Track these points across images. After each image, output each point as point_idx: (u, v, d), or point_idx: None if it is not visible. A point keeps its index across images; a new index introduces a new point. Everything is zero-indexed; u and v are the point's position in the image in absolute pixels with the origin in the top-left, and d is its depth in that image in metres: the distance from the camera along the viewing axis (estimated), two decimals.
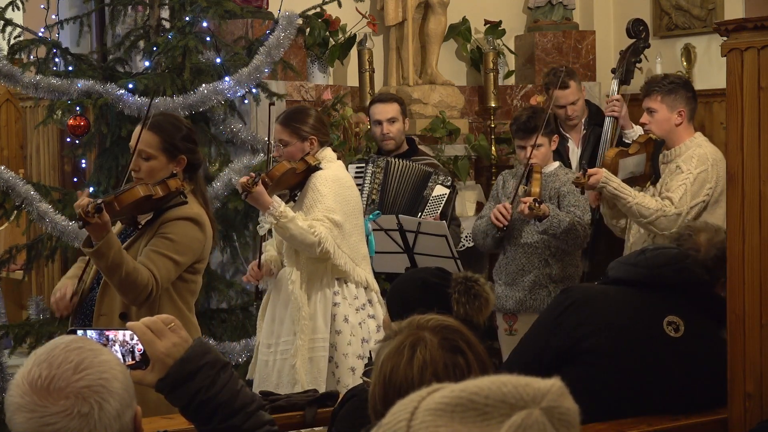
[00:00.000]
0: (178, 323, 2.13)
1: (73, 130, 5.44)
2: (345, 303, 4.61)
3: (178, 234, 3.81)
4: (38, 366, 1.67)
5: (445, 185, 5.67)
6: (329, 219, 4.47)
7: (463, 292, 3.21)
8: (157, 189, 3.80)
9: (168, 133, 3.89)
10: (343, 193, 4.59)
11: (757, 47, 3.32)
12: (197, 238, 3.87)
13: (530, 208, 4.94)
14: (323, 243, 4.42)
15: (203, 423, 2.15)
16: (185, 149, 3.90)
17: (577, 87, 6.02)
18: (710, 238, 3.85)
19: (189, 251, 3.84)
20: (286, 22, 5.34)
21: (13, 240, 7.42)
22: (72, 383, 1.65)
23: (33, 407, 1.63)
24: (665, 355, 3.44)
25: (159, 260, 3.77)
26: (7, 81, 5.26)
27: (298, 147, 4.59)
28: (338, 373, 4.57)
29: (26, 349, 5.51)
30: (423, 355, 2.12)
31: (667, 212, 4.83)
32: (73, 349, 1.69)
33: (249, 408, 2.18)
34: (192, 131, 4.00)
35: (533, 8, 7.64)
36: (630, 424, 3.37)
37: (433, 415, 1.17)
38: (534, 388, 1.18)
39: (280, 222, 4.35)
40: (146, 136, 3.86)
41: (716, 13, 6.91)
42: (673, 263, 3.59)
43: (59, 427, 1.62)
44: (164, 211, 3.85)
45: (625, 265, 3.65)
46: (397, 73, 7.33)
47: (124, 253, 3.70)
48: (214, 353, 2.16)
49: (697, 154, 4.95)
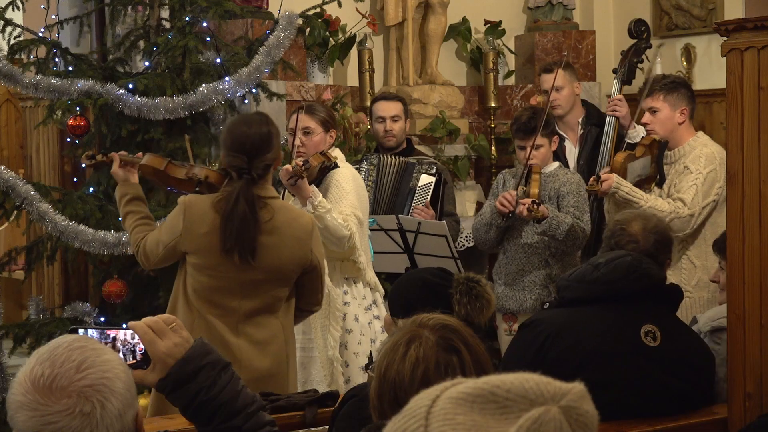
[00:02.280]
0: (179, 323, 2.13)
1: (73, 130, 5.43)
2: (354, 302, 4.62)
3: (169, 214, 4.06)
4: (41, 365, 1.67)
5: (429, 173, 5.67)
6: (356, 216, 4.49)
7: (464, 292, 3.21)
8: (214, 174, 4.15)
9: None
10: (360, 193, 4.64)
11: (757, 47, 3.32)
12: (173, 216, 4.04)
13: (529, 210, 4.94)
14: (353, 238, 4.43)
15: (204, 423, 2.15)
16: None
17: (564, 76, 5.96)
18: (644, 226, 3.84)
19: (169, 229, 3.97)
20: (286, 22, 5.34)
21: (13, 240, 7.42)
22: (74, 382, 1.65)
23: (35, 405, 1.63)
24: (649, 366, 3.43)
25: (153, 231, 4.09)
26: (7, 81, 5.26)
27: (321, 137, 4.65)
28: (348, 372, 4.57)
29: (26, 349, 5.51)
30: (416, 352, 2.13)
31: (680, 214, 4.83)
32: (76, 348, 1.69)
33: (250, 408, 2.18)
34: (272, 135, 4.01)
35: (533, 8, 7.64)
36: (630, 424, 3.37)
37: (454, 403, 1.18)
38: (555, 386, 1.19)
39: (317, 212, 4.31)
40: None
41: (716, 13, 6.91)
42: (631, 272, 3.49)
43: (61, 425, 1.62)
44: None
45: (583, 284, 3.51)
46: (397, 73, 7.33)
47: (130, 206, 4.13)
48: (215, 354, 2.15)
49: (705, 153, 4.94)
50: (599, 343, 3.36)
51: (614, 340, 3.41)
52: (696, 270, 4.95)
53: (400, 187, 5.65)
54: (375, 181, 5.63)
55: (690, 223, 4.83)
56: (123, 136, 5.32)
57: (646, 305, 3.52)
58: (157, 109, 5.09)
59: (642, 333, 3.45)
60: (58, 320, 5.41)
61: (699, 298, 4.93)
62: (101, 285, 5.36)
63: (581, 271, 3.57)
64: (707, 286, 4.88)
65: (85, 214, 5.19)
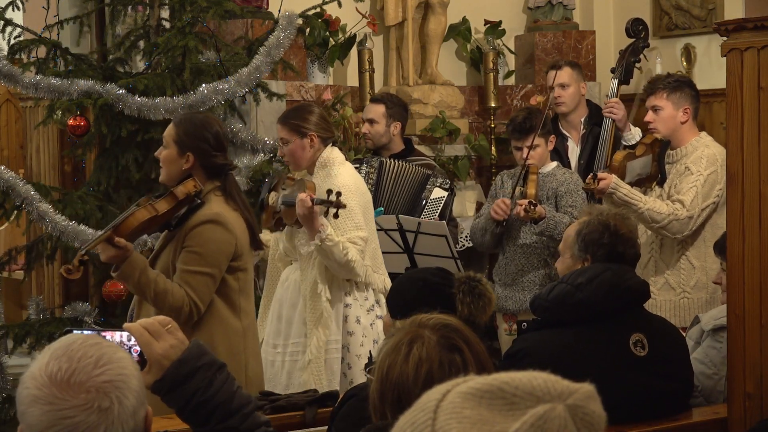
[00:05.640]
0: (174, 324, 2.14)
1: (73, 130, 5.44)
2: (356, 304, 4.60)
3: (202, 244, 3.79)
4: (56, 359, 1.65)
5: (443, 188, 5.66)
6: (360, 238, 4.46)
7: (467, 291, 3.21)
8: (161, 205, 3.79)
9: (183, 128, 3.96)
10: (364, 202, 4.59)
11: (757, 47, 3.32)
12: (224, 239, 3.83)
13: (525, 211, 4.94)
14: (355, 268, 4.44)
15: (200, 424, 2.15)
16: (193, 147, 3.91)
17: (572, 75, 5.99)
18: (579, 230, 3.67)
19: (220, 257, 3.82)
20: (286, 22, 5.34)
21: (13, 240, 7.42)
22: (93, 377, 1.64)
23: (51, 399, 1.62)
24: (642, 377, 3.40)
25: (193, 279, 3.77)
26: (7, 81, 5.26)
27: (298, 144, 4.57)
28: (351, 375, 4.54)
29: (26, 349, 5.51)
30: (419, 351, 2.13)
31: (679, 216, 4.80)
32: (92, 344, 1.69)
33: (246, 409, 2.18)
34: (219, 136, 3.98)
35: (533, 8, 7.64)
36: (630, 425, 3.37)
37: (462, 398, 1.20)
38: (563, 385, 1.20)
39: (324, 245, 4.32)
40: (169, 126, 4.04)
41: (716, 13, 6.91)
42: (615, 288, 3.40)
43: (77, 420, 1.61)
44: (187, 216, 3.85)
45: (565, 307, 3.38)
46: (397, 73, 7.33)
47: (152, 274, 3.73)
48: (210, 355, 2.16)
49: (706, 154, 4.91)
50: (590, 366, 3.19)
51: (605, 361, 3.34)
52: (695, 271, 4.95)
53: (413, 197, 5.65)
54: (375, 185, 5.63)
55: (689, 225, 4.82)
56: (123, 136, 5.32)
57: (630, 313, 3.47)
58: (157, 109, 5.09)
59: (631, 344, 3.40)
60: (58, 320, 5.41)
61: (697, 298, 4.93)
62: (101, 285, 5.36)
63: (561, 291, 3.42)
64: (706, 287, 4.88)
65: (85, 214, 5.20)
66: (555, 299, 3.41)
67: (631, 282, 3.46)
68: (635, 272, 3.61)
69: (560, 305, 3.39)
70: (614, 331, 3.41)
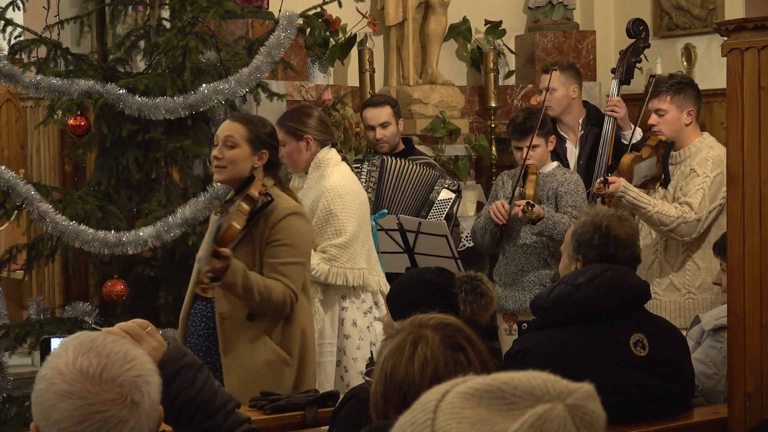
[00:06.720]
0: (153, 327, 2.15)
1: (73, 130, 5.43)
2: (353, 307, 4.59)
3: (292, 236, 3.90)
4: (84, 355, 1.65)
5: (451, 189, 5.65)
6: (333, 245, 4.47)
7: (469, 291, 3.21)
8: (244, 208, 3.80)
9: (255, 126, 4.00)
10: (356, 204, 4.57)
11: (757, 47, 3.33)
12: (307, 230, 4.03)
13: (523, 212, 4.94)
14: (329, 279, 4.48)
15: (184, 424, 2.17)
16: (268, 145, 4.00)
17: (559, 78, 5.90)
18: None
19: (308, 246, 4.01)
20: (286, 22, 5.33)
21: (13, 240, 7.41)
22: (124, 372, 1.65)
23: (84, 394, 1.62)
24: (642, 377, 3.40)
25: (288, 270, 3.88)
26: (8, 81, 5.25)
27: (294, 147, 4.57)
28: (347, 378, 4.53)
29: (26, 349, 5.50)
30: (424, 351, 2.13)
31: (687, 219, 4.80)
32: (113, 340, 1.70)
33: (228, 407, 2.21)
34: (275, 131, 4.11)
35: (533, 8, 7.64)
36: (630, 425, 3.37)
37: (462, 397, 1.20)
38: (563, 385, 1.20)
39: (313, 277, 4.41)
40: (233, 126, 4.00)
41: (716, 13, 6.92)
42: (615, 287, 3.40)
43: (109, 415, 1.62)
44: (259, 216, 3.91)
45: (565, 307, 3.38)
46: (397, 73, 7.33)
47: (252, 276, 3.80)
48: (190, 355, 2.19)
49: (711, 156, 4.90)
50: (592, 367, 3.19)
51: (606, 361, 3.34)
52: (700, 272, 4.94)
53: (421, 198, 5.63)
54: (376, 183, 5.62)
55: (697, 228, 4.81)
56: (123, 136, 5.32)
57: (631, 313, 3.47)
58: (158, 109, 5.09)
59: (631, 344, 3.40)
60: (58, 320, 5.40)
61: (702, 300, 4.93)
62: (101, 285, 5.36)
63: (560, 292, 3.42)
64: (711, 288, 4.87)
65: (85, 214, 5.19)
66: (555, 299, 3.41)
67: (631, 282, 3.46)
68: (635, 273, 3.61)
69: (560, 305, 3.40)
70: (614, 331, 3.41)
